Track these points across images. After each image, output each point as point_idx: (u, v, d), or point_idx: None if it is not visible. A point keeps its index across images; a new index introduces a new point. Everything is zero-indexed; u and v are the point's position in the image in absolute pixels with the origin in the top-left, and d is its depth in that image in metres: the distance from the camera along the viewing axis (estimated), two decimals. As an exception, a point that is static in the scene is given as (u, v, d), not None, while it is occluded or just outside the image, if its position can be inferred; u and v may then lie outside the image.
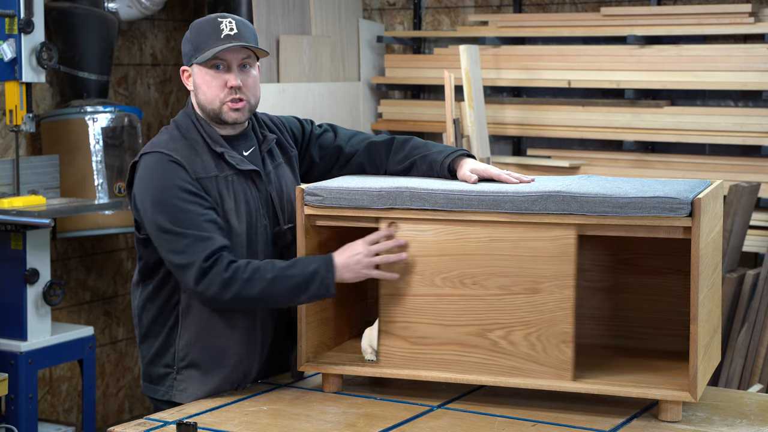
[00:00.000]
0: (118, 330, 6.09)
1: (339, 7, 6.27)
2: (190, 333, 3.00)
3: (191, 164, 2.95)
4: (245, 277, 2.87)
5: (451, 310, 2.88)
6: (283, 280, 2.88)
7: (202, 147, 3.00)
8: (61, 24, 5.38)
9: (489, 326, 2.85)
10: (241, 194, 3.00)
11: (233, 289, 2.87)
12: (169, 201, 2.91)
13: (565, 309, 2.79)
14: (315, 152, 3.22)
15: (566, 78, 5.66)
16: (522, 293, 2.82)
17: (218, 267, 2.87)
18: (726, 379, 4.91)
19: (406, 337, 2.92)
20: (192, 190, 2.92)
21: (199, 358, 3.00)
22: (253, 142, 3.09)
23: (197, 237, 2.88)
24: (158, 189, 2.93)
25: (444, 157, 3.06)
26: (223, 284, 2.86)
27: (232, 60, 2.98)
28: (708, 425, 2.75)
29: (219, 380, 3.00)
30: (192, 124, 3.04)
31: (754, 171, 5.24)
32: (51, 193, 5.24)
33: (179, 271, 2.91)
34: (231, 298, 2.88)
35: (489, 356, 2.86)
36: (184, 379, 3.02)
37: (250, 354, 3.03)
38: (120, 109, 5.43)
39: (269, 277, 2.87)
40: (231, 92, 2.98)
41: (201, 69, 2.99)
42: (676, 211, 2.68)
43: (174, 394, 3.03)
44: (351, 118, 6.18)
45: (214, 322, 2.98)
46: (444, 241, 2.87)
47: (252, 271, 2.88)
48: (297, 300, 2.91)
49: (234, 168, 3.00)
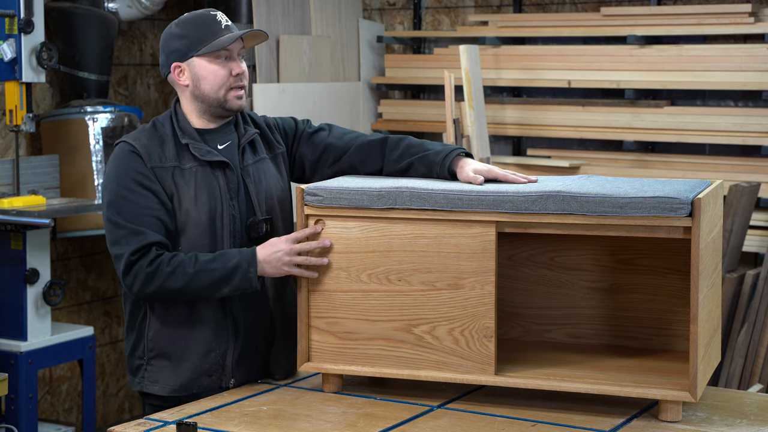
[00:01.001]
0: (118, 330, 6.09)
1: (339, 7, 6.27)
2: (157, 324, 3.06)
3: (149, 153, 3.03)
4: (168, 271, 2.94)
5: (377, 305, 2.93)
6: (206, 274, 2.94)
7: (169, 139, 3.08)
8: (61, 24, 5.38)
9: (414, 322, 2.90)
10: (203, 184, 3.05)
11: (156, 282, 2.94)
12: (118, 191, 3.01)
13: (486, 304, 2.84)
14: (307, 149, 3.25)
15: (566, 78, 5.66)
16: (445, 289, 2.87)
17: (143, 261, 2.94)
18: (726, 379, 4.91)
19: (335, 333, 2.96)
20: (142, 181, 3.00)
21: (167, 348, 3.06)
22: (231, 137, 3.15)
23: (132, 230, 2.96)
24: (112, 179, 3.04)
25: (443, 158, 3.04)
26: (146, 278, 2.94)
27: (234, 49, 3.08)
28: (708, 425, 2.75)
29: (189, 370, 3.04)
30: (168, 118, 3.13)
31: (754, 171, 5.24)
32: (51, 193, 5.24)
33: (114, 262, 3.02)
34: (154, 291, 2.95)
35: (415, 351, 2.91)
36: (154, 370, 3.07)
37: (221, 342, 3.06)
38: (120, 109, 5.43)
39: (191, 271, 2.94)
40: (237, 79, 3.07)
41: (205, 60, 3.06)
42: (676, 211, 2.68)
43: (145, 384, 3.09)
44: (351, 118, 6.18)
45: (179, 313, 3.04)
46: (369, 237, 2.92)
47: (175, 265, 2.94)
48: (220, 292, 2.97)
49: (198, 159, 3.06)
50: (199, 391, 3.06)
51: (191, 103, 3.11)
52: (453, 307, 2.87)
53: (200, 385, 3.06)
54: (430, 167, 3.07)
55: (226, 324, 3.06)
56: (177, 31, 3.08)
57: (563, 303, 3.20)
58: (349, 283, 2.95)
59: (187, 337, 3.04)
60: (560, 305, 3.20)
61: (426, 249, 2.88)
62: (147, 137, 3.08)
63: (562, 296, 3.20)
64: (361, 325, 2.95)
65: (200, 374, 3.05)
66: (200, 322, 3.04)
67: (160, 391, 3.06)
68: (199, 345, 3.04)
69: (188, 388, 3.05)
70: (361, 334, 2.96)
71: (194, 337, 3.04)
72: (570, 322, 3.20)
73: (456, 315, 2.87)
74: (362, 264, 2.94)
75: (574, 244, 3.16)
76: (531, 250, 3.21)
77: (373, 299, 2.94)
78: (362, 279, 2.94)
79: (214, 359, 3.05)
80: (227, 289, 2.96)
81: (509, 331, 3.25)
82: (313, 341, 3.00)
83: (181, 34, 3.07)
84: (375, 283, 2.93)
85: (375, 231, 2.92)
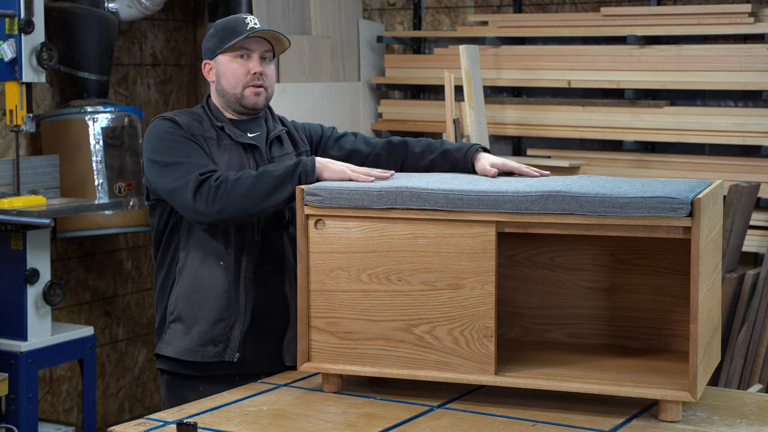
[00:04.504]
0: (118, 330, 6.09)
1: (339, 7, 6.27)
2: (180, 289, 3.23)
3: (189, 126, 3.21)
4: (233, 178, 3.05)
5: (377, 305, 2.94)
6: (270, 173, 3.04)
7: (206, 120, 3.26)
8: (61, 24, 5.39)
9: (414, 321, 2.91)
10: (236, 161, 3.22)
11: (223, 194, 3.03)
12: (164, 143, 3.16)
13: (486, 304, 2.84)
14: (333, 151, 3.40)
15: (566, 78, 5.67)
16: (445, 289, 2.88)
17: (210, 180, 3.06)
18: (726, 379, 4.91)
19: (335, 333, 2.97)
20: (188, 137, 3.18)
21: (183, 312, 3.22)
22: (261, 129, 3.32)
23: (193, 163, 3.10)
24: (155, 139, 3.19)
25: (464, 153, 3.27)
26: (215, 191, 3.04)
27: (255, 50, 3.25)
28: (708, 425, 2.75)
29: (198, 334, 3.19)
30: (201, 107, 3.31)
31: (754, 171, 5.24)
32: (51, 193, 5.24)
33: (178, 194, 3.10)
34: (222, 207, 3.03)
35: (415, 351, 2.91)
36: (171, 332, 3.24)
37: (231, 315, 3.20)
38: (120, 109, 5.44)
39: (255, 174, 3.05)
40: (254, 78, 3.23)
41: (226, 57, 3.25)
42: (676, 211, 2.68)
43: (161, 346, 3.26)
44: (351, 118, 6.18)
45: (200, 279, 3.20)
46: (369, 237, 2.93)
47: (239, 175, 3.06)
48: (285, 189, 3.01)
49: (232, 139, 3.24)
50: (204, 360, 3.19)
51: (217, 98, 3.31)
52: (453, 307, 2.87)
53: (206, 353, 3.19)
54: (454, 164, 3.29)
55: (239, 298, 3.20)
56: (212, 31, 3.31)
57: (563, 303, 3.20)
58: (349, 283, 2.96)
59: (201, 303, 3.20)
60: (560, 305, 3.21)
61: (426, 249, 2.89)
62: (185, 116, 3.24)
63: (562, 296, 3.20)
64: (361, 325, 2.96)
65: (207, 342, 3.20)
66: (215, 291, 3.19)
67: (170, 352, 3.23)
68: (211, 312, 3.19)
69: (195, 354, 3.20)
70: (361, 334, 2.96)
71: (208, 305, 3.19)
72: (570, 322, 3.20)
73: (456, 315, 2.87)
74: (362, 264, 2.94)
75: (574, 244, 3.17)
76: (531, 250, 3.21)
77: (373, 299, 2.94)
78: (362, 279, 2.94)
79: (222, 329, 3.19)
80: (291, 183, 3.00)
81: (509, 331, 3.25)
82: (313, 341, 3.00)
83: (213, 34, 3.29)
84: (375, 283, 2.94)
85: (375, 231, 2.93)
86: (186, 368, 3.24)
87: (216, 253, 3.20)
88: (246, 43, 3.23)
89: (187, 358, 3.21)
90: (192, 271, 3.21)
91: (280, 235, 3.26)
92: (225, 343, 3.20)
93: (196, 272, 3.21)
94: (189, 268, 3.22)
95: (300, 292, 2.99)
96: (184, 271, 3.23)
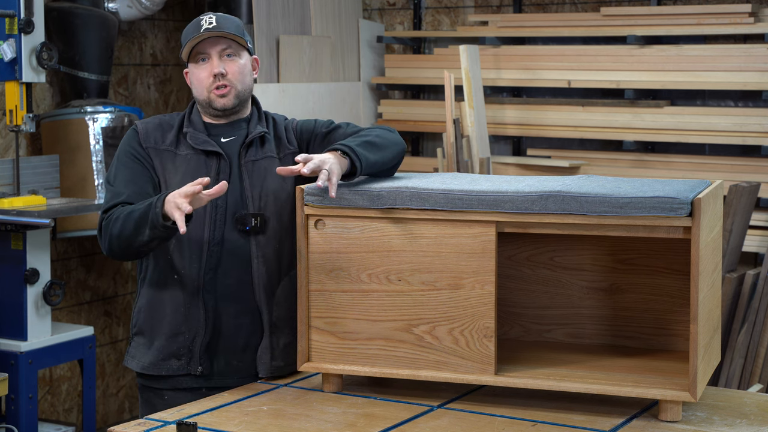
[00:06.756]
0: (118, 330, 6.09)
1: (339, 7, 6.27)
2: (142, 302, 3.21)
3: (148, 135, 3.19)
4: (114, 217, 3.07)
5: (377, 305, 2.94)
6: (131, 217, 3.02)
7: (175, 127, 3.21)
8: (61, 24, 5.38)
9: (414, 321, 2.91)
10: (192, 171, 3.14)
11: (106, 230, 3.08)
12: (116, 159, 3.21)
13: (486, 304, 2.84)
14: (319, 149, 3.25)
15: (566, 78, 5.66)
16: (445, 289, 2.88)
17: (105, 217, 3.10)
18: (726, 379, 4.91)
19: (335, 333, 2.97)
20: (135, 155, 3.17)
21: (144, 325, 3.20)
22: (239, 132, 3.22)
23: (115, 192, 3.13)
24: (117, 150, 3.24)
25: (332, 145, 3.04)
26: (105, 229, 3.09)
27: (212, 51, 3.14)
28: (708, 425, 2.75)
29: (158, 349, 3.16)
30: (185, 111, 3.26)
31: (754, 171, 5.24)
32: (51, 193, 5.24)
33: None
34: (109, 242, 3.08)
35: (415, 351, 2.91)
36: (135, 346, 3.23)
37: (190, 328, 3.14)
38: (120, 109, 5.44)
39: (124, 214, 3.04)
40: (215, 80, 3.14)
41: (192, 64, 3.18)
42: (676, 211, 2.68)
43: (127, 359, 3.25)
44: (351, 118, 6.18)
45: (159, 293, 3.17)
46: (369, 237, 2.93)
47: (117, 214, 3.07)
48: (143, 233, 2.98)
49: (193, 148, 3.17)
50: (170, 374, 3.16)
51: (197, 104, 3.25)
52: (453, 307, 2.87)
53: (170, 367, 3.15)
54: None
55: (198, 311, 3.13)
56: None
57: (563, 303, 3.20)
58: (349, 283, 2.96)
59: (161, 317, 3.16)
60: (560, 305, 3.21)
61: (426, 249, 2.89)
62: (155, 122, 3.24)
63: (562, 296, 3.20)
64: (361, 325, 2.96)
65: (169, 356, 3.16)
66: (174, 305, 3.15)
67: (135, 366, 3.21)
68: (170, 326, 3.15)
69: (158, 368, 3.16)
70: (361, 334, 2.96)
71: (167, 319, 3.15)
72: (570, 322, 3.20)
73: (456, 315, 2.87)
74: (362, 264, 2.94)
75: (574, 244, 3.16)
76: (531, 250, 3.21)
77: (373, 299, 2.94)
78: (362, 279, 2.94)
79: (182, 342, 3.14)
80: (147, 229, 2.97)
81: (509, 331, 3.25)
82: (313, 341, 3.00)
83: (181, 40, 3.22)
84: (375, 283, 2.94)
85: (375, 231, 2.93)
86: (152, 381, 3.20)
87: (171, 267, 3.13)
88: (201, 47, 3.13)
89: (152, 372, 3.17)
90: (153, 284, 3.18)
91: (246, 243, 3.13)
92: (188, 357, 3.14)
93: (156, 285, 3.17)
94: (150, 281, 3.18)
95: (300, 292, 2.99)
96: (146, 284, 3.20)
